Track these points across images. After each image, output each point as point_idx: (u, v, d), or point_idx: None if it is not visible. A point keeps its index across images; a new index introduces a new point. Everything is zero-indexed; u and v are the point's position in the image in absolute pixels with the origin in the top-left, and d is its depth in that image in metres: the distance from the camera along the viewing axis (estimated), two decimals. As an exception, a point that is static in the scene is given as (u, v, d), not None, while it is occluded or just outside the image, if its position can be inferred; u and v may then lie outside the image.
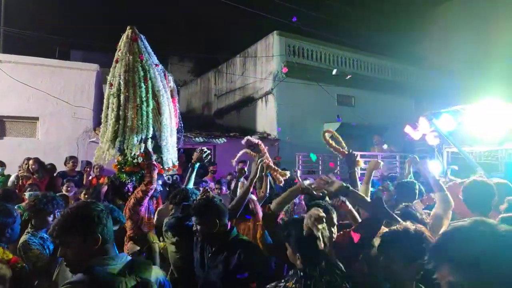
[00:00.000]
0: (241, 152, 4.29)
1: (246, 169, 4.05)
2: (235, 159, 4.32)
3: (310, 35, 13.26)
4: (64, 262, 1.74)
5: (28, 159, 6.77)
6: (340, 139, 3.73)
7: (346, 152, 3.53)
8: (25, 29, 13.16)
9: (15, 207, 4.00)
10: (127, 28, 4.15)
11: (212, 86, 16.95)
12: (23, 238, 2.98)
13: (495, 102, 5.50)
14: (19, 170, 6.68)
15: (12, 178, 6.56)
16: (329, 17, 10.27)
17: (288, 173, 3.94)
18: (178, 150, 4.55)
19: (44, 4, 18.05)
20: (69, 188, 5.69)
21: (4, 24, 12.63)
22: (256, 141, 4.15)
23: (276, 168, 4.04)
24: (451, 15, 16.69)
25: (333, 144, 3.72)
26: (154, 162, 3.70)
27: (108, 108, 3.99)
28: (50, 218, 3.03)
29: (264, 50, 13.18)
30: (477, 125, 5.67)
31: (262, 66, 13.25)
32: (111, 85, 4.01)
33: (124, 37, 4.13)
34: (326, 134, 3.76)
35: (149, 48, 4.21)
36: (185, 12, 20.67)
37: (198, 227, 2.63)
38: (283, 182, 3.94)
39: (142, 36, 4.19)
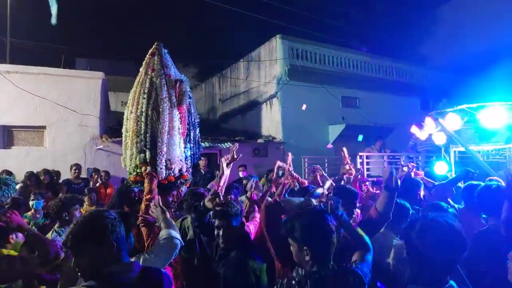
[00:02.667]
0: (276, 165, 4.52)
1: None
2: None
3: (313, 37, 13.28)
4: (78, 272, 1.74)
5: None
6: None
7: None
8: (30, 40, 13.33)
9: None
10: (154, 45, 4.26)
11: (217, 90, 17.02)
12: (48, 237, 3.15)
13: (502, 100, 5.46)
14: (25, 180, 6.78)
15: (17, 187, 6.62)
16: (332, 19, 10.28)
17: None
18: (195, 156, 4.55)
19: (48, 14, 18.26)
20: (91, 200, 5.72)
21: (10, 35, 12.80)
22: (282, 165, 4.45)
23: (297, 176, 4.31)
24: (456, 14, 16.63)
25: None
26: (151, 172, 3.72)
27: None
28: (77, 213, 3.34)
29: (267, 54, 13.22)
30: (484, 123, 5.62)
31: (266, 70, 13.28)
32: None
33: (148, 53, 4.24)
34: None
35: (166, 61, 4.25)
36: (189, 18, 20.81)
37: (221, 231, 2.80)
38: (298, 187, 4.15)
39: (164, 50, 4.26)
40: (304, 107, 10.95)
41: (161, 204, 2.93)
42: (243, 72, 14.74)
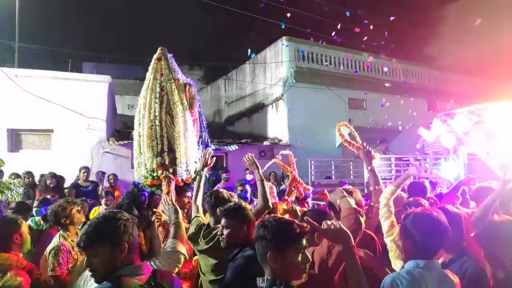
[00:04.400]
0: (271, 162, 4.52)
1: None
2: (265, 168, 4.32)
3: (319, 39, 13.24)
4: (90, 272, 1.74)
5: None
6: (356, 134, 3.60)
7: (361, 148, 3.33)
8: (38, 44, 13.46)
9: (29, 220, 4.09)
10: (159, 49, 4.29)
11: (223, 93, 17.03)
12: (55, 241, 3.15)
13: (510, 100, 5.39)
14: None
15: (20, 190, 6.64)
16: (338, 21, 10.24)
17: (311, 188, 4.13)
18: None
19: (56, 18, 18.46)
20: (108, 202, 5.77)
21: (19, 40, 12.93)
22: (287, 152, 4.45)
23: (300, 181, 4.25)
24: (463, 14, 16.51)
25: (348, 139, 3.55)
26: (170, 175, 3.73)
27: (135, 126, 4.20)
28: (77, 215, 3.32)
29: (273, 56, 13.21)
30: (493, 124, 5.55)
31: (272, 72, 13.27)
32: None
33: (153, 58, 4.27)
34: (342, 128, 3.63)
35: (173, 65, 4.30)
36: (194, 21, 20.90)
37: (225, 230, 2.59)
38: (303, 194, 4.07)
39: (169, 54, 4.30)
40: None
41: (175, 203, 2.80)
42: (249, 74, 14.73)
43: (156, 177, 3.93)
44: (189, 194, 4.02)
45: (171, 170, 3.87)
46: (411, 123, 8.77)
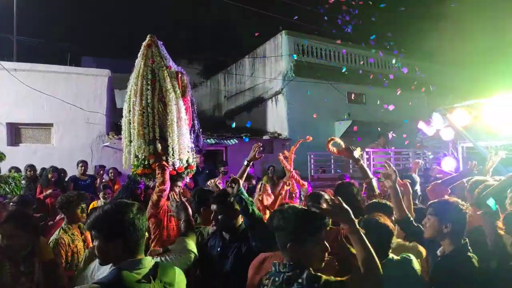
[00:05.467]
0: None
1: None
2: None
3: (319, 33, 13.21)
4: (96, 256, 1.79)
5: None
6: (338, 140, 3.79)
7: (346, 151, 3.54)
8: (36, 38, 13.41)
9: None
10: (147, 36, 4.22)
11: (222, 87, 17.00)
12: (56, 234, 3.22)
13: (510, 95, 5.40)
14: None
15: (23, 184, 6.67)
16: (338, 15, 10.21)
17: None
18: (200, 150, 4.55)
19: (55, 12, 18.36)
20: (106, 196, 5.78)
21: (17, 33, 12.88)
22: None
23: (297, 177, 4.30)
24: (463, 8, 16.43)
25: (335, 150, 3.78)
26: (164, 163, 3.71)
27: (123, 114, 4.08)
28: (79, 211, 3.39)
29: (272, 50, 13.17)
30: (492, 119, 5.56)
31: (271, 66, 13.24)
32: (127, 92, 4.10)
33: (143, 45, 4.20)
34: (330, 144, 3.80)
35: (164, 52, 4.24)
36: (193, 15, 20.81)
37: (219, 216, 2.66)
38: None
39: (159, 42, 4.24)
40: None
41: (183, 200, 2.77)
42: (248, 68, 14.70)
43: (147, 166, 3.86)
44: (180, 183, 4.04)
45: (164, 159, 3.81)
46: (411, 117, 8.77)
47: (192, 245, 2.42)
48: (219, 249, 2.74)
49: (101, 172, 8.14)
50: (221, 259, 2.70)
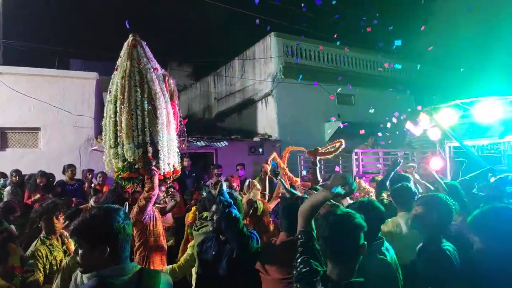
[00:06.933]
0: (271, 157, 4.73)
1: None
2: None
3: (308, 35, 13.26)
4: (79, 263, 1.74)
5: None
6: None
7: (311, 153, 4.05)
8: (23, 40, 13.23)
9: None
10: (130, 36, 4.14)
11: (212, 89, 16.97)
12: (33, 246, 3.10)
13: (496, 95, 5.48)
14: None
15: (7, 189, 6.56)
16: (326, 17, 10.29)
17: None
18: (183, 154, 4.53)
19: (42, 14, 18.16)
20: (96, 200, 5.64)
21: (3, 36, 12.69)
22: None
23: (290, 175, 4.50)
24: (450, 9, 16.66)
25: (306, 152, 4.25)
26: (154, 168, 3.68)
27: (107, 116, 3.99)
28: (56, 221, 3.22)
29: (262, 52, 13.19)
30: (478, 118, 5.64)
31: (261, 68, 13.26)
32: (110, 92, 4.02)
33: (125, 44, 4.13)
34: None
35: (149, 53, 4.19)
36: (182, 17, 20.74)
37: (215, 216, 2.73)
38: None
39: (143, 42, 4.18)
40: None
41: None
42: (238, 70, 14.71)
43: (134, 170, 3.79)
44: (163, 188, 4.04)
45: (154, 163, 3.75)
46: (398, 117, 8.86)
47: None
48: (214, 252, 2.75)
49: (90, 176, 8.06)
50: (216, 261, 2.71)
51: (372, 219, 2.25)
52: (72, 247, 3.32)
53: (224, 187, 2.67)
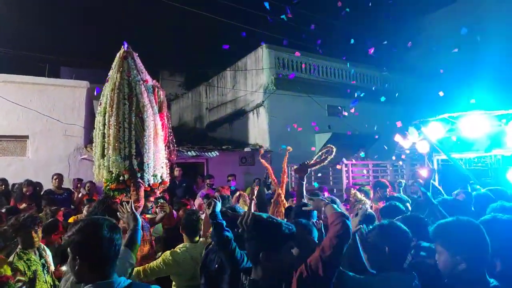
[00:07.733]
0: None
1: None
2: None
3: (299, 47, 13.42)
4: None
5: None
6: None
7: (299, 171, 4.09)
8: (13, 48, 13.14)
9: None
10: (122, 47, 4.16)
11: (204, 99, 17.00)
12: (10, 259, 3.00)
13: (482, 109, 5.60)
14: None
15: None
16: (317, 30, 10.44)
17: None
18: (173, 164, 4.53)
19: (32, 22, 18.08)
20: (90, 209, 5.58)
21: (-7, 43, 12.60)
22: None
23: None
24: (438, 25, 17.03)
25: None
26: (140, 180, 3.68)
27: (96, 127, 4.01)
28: (35, 235, 3.13)
29: (253, 63, 13.30)
30: (465, 132, 5.75)
31: (253, 79, 13.35)
32: (100, 104, 4.04)
33: (117, 55, 4.15)
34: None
35: (140, 65, 4.21)
36: (175, 27, 20.82)
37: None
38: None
39: (134, 53, 4.20)
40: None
41: (134, 210, 2.69)
42: (230, 81, 14.78)
43: (121, 181, 3.80)
44: (151, 198, 4.03)
45: (139, 175, 3.76)
46: (387, 130, 8.98)
47: (130, 255, 2.30)
48: (216, 265, 2.76)
49: (79, 185, 7.97)
50: (218, 274, 2.72)
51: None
52: (50, 259, 3.27)
53: (218, 207, 2.67)
